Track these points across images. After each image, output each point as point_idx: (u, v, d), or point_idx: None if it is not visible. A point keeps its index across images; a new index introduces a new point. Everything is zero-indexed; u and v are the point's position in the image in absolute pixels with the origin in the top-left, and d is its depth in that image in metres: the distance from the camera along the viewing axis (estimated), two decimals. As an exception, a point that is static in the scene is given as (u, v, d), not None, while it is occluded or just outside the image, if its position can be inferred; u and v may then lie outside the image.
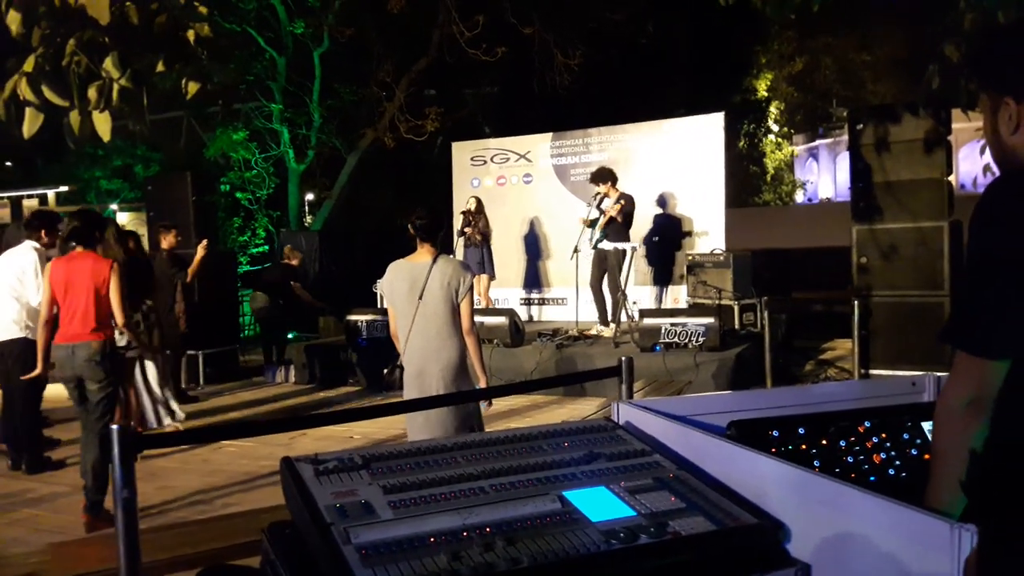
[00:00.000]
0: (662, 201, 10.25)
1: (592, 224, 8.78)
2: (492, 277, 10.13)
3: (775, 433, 1.89)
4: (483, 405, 4.29)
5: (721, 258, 9.11)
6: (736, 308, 8.85)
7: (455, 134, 13.42)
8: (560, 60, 15.12)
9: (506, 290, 11.06)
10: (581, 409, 7.34)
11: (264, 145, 16.09)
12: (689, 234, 10.18)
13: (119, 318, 5.00)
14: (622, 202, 8.61)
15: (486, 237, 9.91)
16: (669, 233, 10.19)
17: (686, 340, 7.84)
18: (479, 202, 10.03)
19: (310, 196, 18.99)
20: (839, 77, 31.89)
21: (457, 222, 10.19)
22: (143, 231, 10.10)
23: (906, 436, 1.94)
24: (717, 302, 8.69)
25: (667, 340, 7.91)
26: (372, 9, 14.96)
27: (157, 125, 15.58)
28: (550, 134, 11.31)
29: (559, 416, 7.18)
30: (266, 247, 16.81)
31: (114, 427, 2.05)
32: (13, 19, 2.67)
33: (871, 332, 7.14)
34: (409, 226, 4.08)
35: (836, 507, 1.45)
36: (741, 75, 25.38)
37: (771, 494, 1.60)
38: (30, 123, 2.68)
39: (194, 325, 8.62)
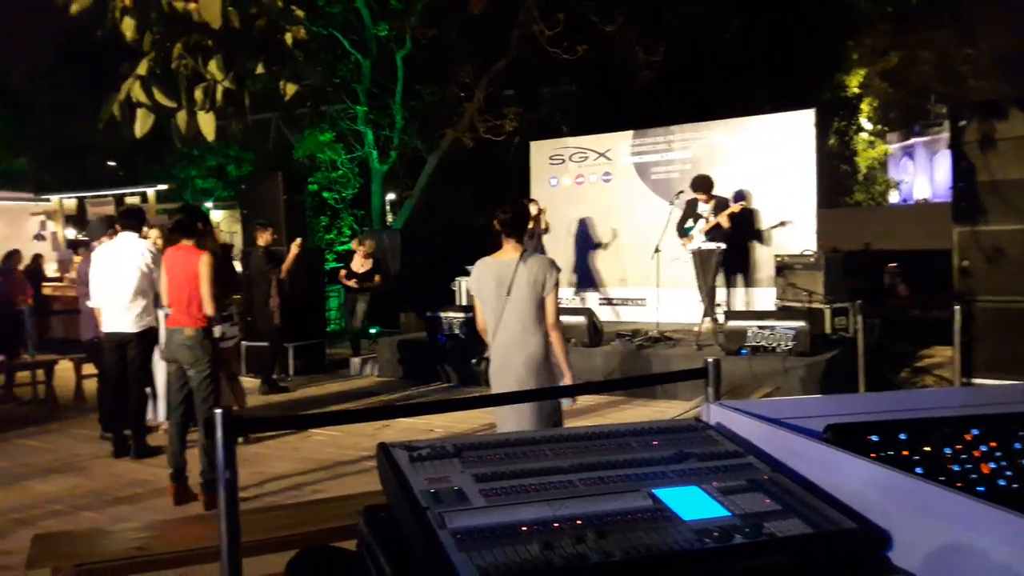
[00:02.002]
0: (750, 200, 10.02)
1: (686, 230, 8.73)
2: None
3: (875, 438, 1.83)
4: (566, 401, 4.31)
5: (812, 259, 8.84)
6: (827, 312, 8.58)
7: (533, 133, 13.45)
8: (642, 57, 14.96)
9: (584, 290, 11.01)
10: (662, 411, 7.26)
11: (349, 146, 16.48)
12: (778, 234, 9.92)
13: (207, 308, 5.22)
14: (733, 208, 8.56)
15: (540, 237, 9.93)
16: (757, 233, 9.97)
17: (774, 344, 7.65)
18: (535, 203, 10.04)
19: (392, 196, 19.35)
20: (937, 72, 30.55)
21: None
22: (236, 228, 10.50)
23: (1018, 446, 1.86)
24: (807, 305, 8.45)
25: (754, 343, 7.73)
26: (453, 10, 15.13)
27: (248, 126, 16.16)
28: (631, 132, 11.20)
29: (639, 417, 7.12)
30: (350, 245, 17.20)
31: (217, 411, 2.15)
32: (127, 26, 2.82)
33: (973, 339, 6.82)
34: (494, 222, 4.11)
35: (944, 516, 1.40)
36: (832, 71, 24.56)
37: (871, 500, 1.55)
38: (142, 123, 2.83)
39: (284, 319, 8.91)
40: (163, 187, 15.60)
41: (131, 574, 3.28)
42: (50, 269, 13.41)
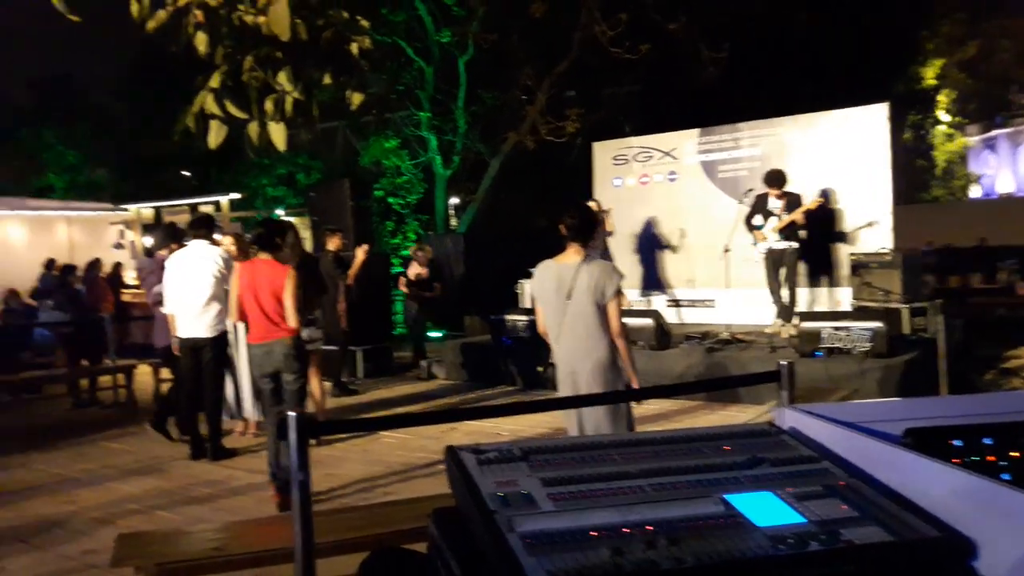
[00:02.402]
0: (821, 197, 9.76)
1: (757, 227, 8.54)
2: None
3: (957, 443, 1.76)
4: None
5: (888, 258, 8.56)
6: (905, 311, 8.29)
7: (595, 134, 13.38)
8: (706, 54, 14.76)
9: (651, 291, 10.89)
10: (733, 415, 7.13)
11: (413, 152, 16.70)
12: (852, 233, 9.65)
13: (292, 322, 5.31)
14: (810, 205, 8.41)
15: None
16: (830, 232, 9.69)
17: (850, 345, 7.43)
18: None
19: (455, 200, 19.52)
20: (1018, 61, 29.26)
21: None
22: (306, 235, 10.74)
23: (1114, 451, 1.76)
24: (884, 305, 8.19)
25: (829, 345, 7.52)
26: (515, 14, 15.19)
27: (317, 135, 16.54)
28: (697, 130, 11.04)
29: (709, 422, 7.00)
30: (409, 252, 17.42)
31: (291, 414, 2.20)
32: (200, 40, 2.92)
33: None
34: (560, 226, 4.10)
35: (1036, 523, 1.34)
36: (905, 62, 23.76)
37: (954, 507, 1.49)
38: (215, 135, 2.92)
39: (352, 323, 9.07)
40: (236, 196, 16.08)
41: (209, 573, 3.39)
42: (129, 277, 13.93)
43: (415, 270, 10.75)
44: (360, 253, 8.13)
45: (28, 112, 23.03)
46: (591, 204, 9.81)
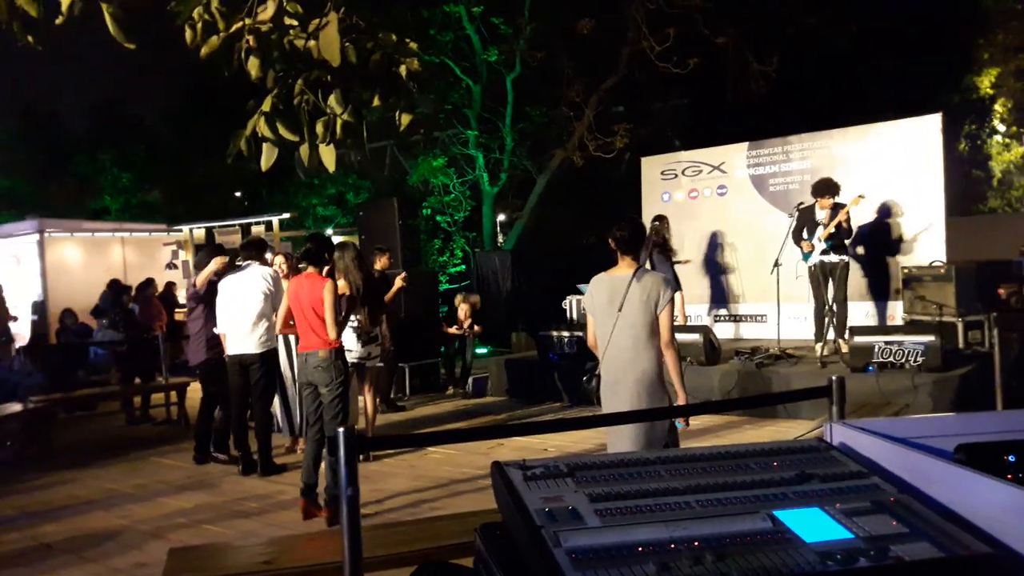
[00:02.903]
0: (873, 210, 9.59)
1: (806, 239, 8.41)
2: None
3: (1011, 458, 1.73)
4: (679, 423, 4.24)
5: (942, 271, 8.36)
6: (960, 325, 8.09)
7: (643, 149, 13.34)
8: (755, 67, 14.65)
9: (700, 306, 10.80)
10: (783, 432, 7.01)
11: (461, 170, 16.85)
12: (904, 245, 9.45)
13: (331, 333, 5.41)
14: (851, 203, 8.26)
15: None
16: (881, 244, 9.51)
17: (902, 360, 7.27)
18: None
19: (503, 217, 19.62)
20: (1079, 68, 28.37)
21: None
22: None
23: None
24: (938, 318, 7.99)
25: (881, 360, 7.37)
26: (562, 32, 15.27)
27: (366, 156, 16.83)
28: (746, 144, 10.95)
29: (757, 437, 6.89)
30: (463, 267, 17.53)
31: (340, 430, 2.24)
32: (252, 64, 3.00)
33: None
34: (610, 239, 4.11)
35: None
36: (960, 72, 23.24)
37: (1009, 524, 1.46)
38: (267, 157, 3.00)
39: (401, 340, 9.14)
40: (286, 216, 16.36)
41: (259, 586, 3.44)
42: (181, 296, 14.28)
43: (463, 314, 10.55)
44: (398, 280, 8.17)
45: (84, 136, 23.85)
46: (657, 220, 9.75)
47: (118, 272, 14.54)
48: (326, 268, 5.70)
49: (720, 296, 10.90)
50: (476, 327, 10.47)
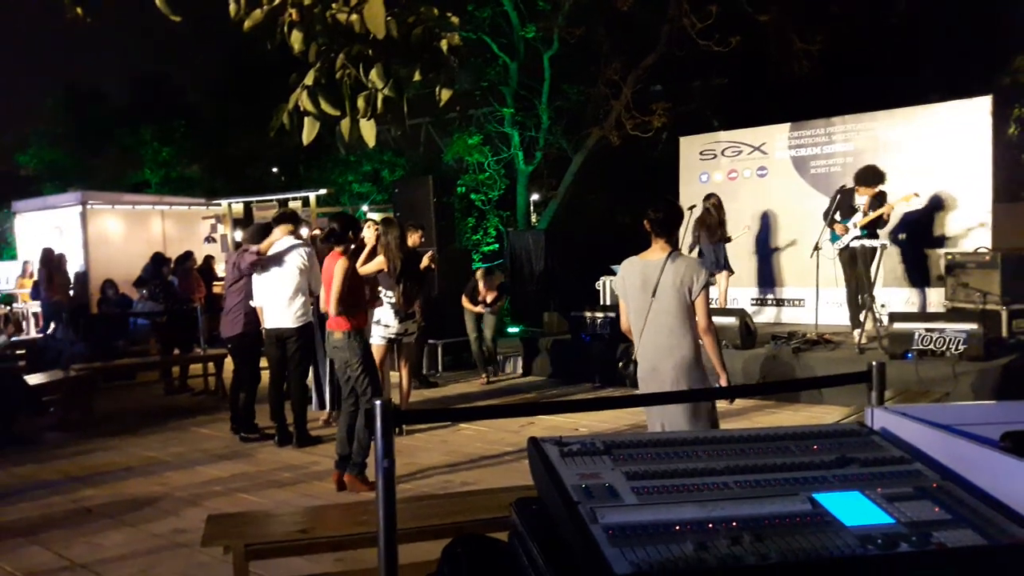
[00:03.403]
0: (916, 193, 9.38)
1: (832, 221, 8.26)
2: (731, 272, 9.83)
3: (1061, 447, 1.69)
4: (724, 401, 4.20)
5: (987, 258, 8.17)
6: (1004, 314, 7.90)
7: (681, 129, 13.17)
8: (799, 46, 14.35)
9: (737, 290, 10.69)
10: (818, 417, 6.95)
11: (496, 148, 16.79)
12: (948, 231, 9.25)
13: (331, 308, 5.45)
14: (903, 199, 8.14)
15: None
16: (924, 230, 9.32)
17: (943, 348, 7.14)
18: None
19: (536, 196, 19.54)
20: None
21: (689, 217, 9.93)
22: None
23: None
24: (981, 306, 7.83)
25: (921, 347, 7.25)
26: (601, 8, 15.07)
27: (406, 132, 16.84)
28: (788, 124, 10.77)
29: (792, 422, 6.84)
30: (496, 245, 17.52)
31: (377, 402, 2.26)
32: (295, 38, 3.01)
33: None
34: (645, 221, 4.05)
35: None
36: (1010, 54, 22.58)
37: (1057, 514, 1.43)
38: (308, 132, 3.01)
39: (433, 317, 9.18)
40: (323, 191, 16.48)
41: (293, 555, 3.51)
42: (220, 269, 14.48)
43: (485, 291, 9.76)
44: (425, 259, 8.14)
45: (125, 110, 24.12)
46: (713, 197, 9.64)
47: (158, 244, 14.78)
48: (352, 247, 5.76)
49: (758, 279, 10.78)
50: (498, 302, 9.82)
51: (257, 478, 5.89)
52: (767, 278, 10.71)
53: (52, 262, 12.38)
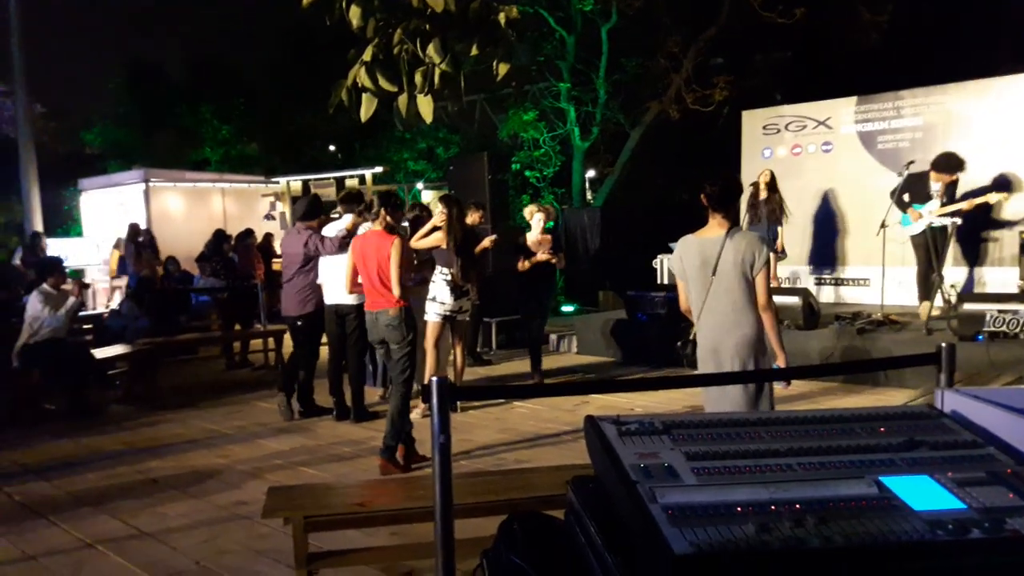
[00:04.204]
0: (990, 170, 9.02)
1: (903, 204, 8.01)
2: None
3: None
4: (780, 385, 4.11)
5: (1064, 236, 7.84)
6: (1081, 295, 7.59)
7: (743, 103, 12.86)
8: (867, 17, 13.88)
9: (800, 268, 10.45)
10: (884, 399, 6.77)
11: (551, 124, 16.65)
12: (1022, 209, 8.87)
13: (395, 291, 5.43)
14: (989, 199, 7.92)
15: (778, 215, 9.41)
16: (997, 208, 8.97)
17: (1016, 330, 6.88)
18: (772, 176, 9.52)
19: (592, 173, 19.36)
20: None
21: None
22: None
23: None
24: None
25: (992, 329, 6.99)
26: (662, -21, 14.78)
27: (463, 108, 16.81)
28: (854, 98, 10.42)
29: (856, 405, 6.68)
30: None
31: (434, 379, 2.27)
32: (354, 14, 3.01)
33: None
34: (701, 196, 3.96)
35: None
36: (1094, 21, 21.43)
37: None
38: (366, 108, 3.03)
39: (488, 296, 9.19)
40: (379, 169, 16.61)
41: (351, 528, 3.57)
42: (278, 246, 14.73)
43: (536, 236, 8.06)
44: (486, 241, 8.04)
45: (186, 89, 24.60)
46: (765, 174, 9.42)
47: (218, 222, 15.08)
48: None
49: (822, 258, 10.51)
50: (560, 254, 7.95)
51: (316, 452, 6.00)
52: (831, 256, 10.44)
53: (139, 237, 12.75)
